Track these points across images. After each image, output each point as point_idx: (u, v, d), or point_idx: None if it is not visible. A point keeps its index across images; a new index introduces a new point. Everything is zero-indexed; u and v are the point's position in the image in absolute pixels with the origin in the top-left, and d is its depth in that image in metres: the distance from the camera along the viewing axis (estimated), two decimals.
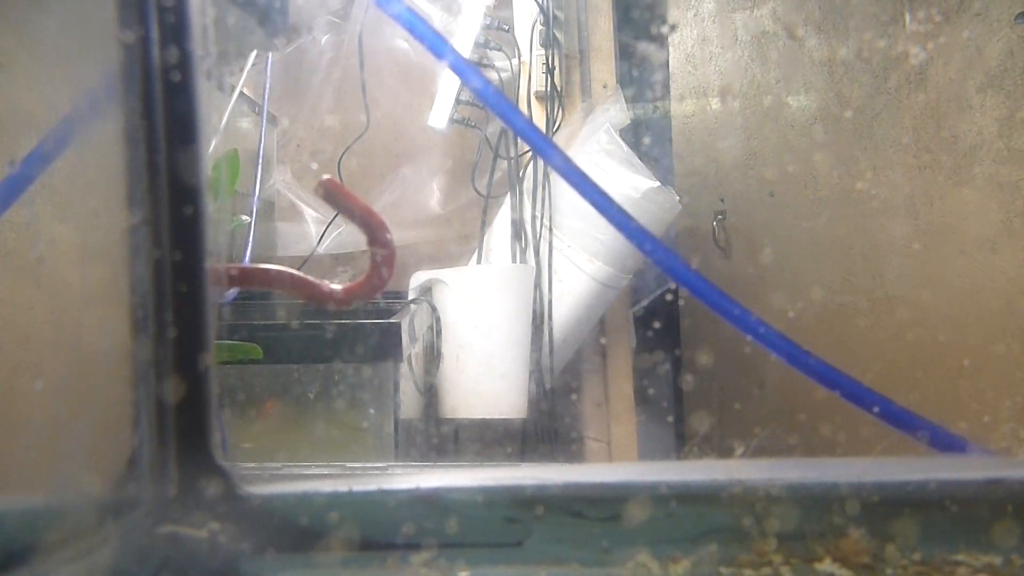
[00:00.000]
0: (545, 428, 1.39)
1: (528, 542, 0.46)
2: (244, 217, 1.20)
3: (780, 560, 0.45)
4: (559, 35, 1.49)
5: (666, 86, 1.57)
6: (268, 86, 1.36)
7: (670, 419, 1.57)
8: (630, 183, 1.33)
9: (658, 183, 1.34)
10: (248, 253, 1.18)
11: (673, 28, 1.53)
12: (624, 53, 1.57)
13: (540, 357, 1.37)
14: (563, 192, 1.38)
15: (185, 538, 0.46)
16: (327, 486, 0.47)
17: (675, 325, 1.56)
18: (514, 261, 1.42)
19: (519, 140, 1.45)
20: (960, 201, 0.90)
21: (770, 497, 0.45)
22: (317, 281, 0.61)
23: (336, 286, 0.61)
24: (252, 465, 0.67)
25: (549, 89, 1.47)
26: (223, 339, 0.85)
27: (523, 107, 1.48)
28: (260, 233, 1.32)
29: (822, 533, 0.45)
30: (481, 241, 1.50)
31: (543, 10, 1.46)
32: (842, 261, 1.10)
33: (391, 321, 1.03)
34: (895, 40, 0.97)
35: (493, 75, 1.47)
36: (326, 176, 0.60)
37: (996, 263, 0.86)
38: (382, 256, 0.59)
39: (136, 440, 0.47)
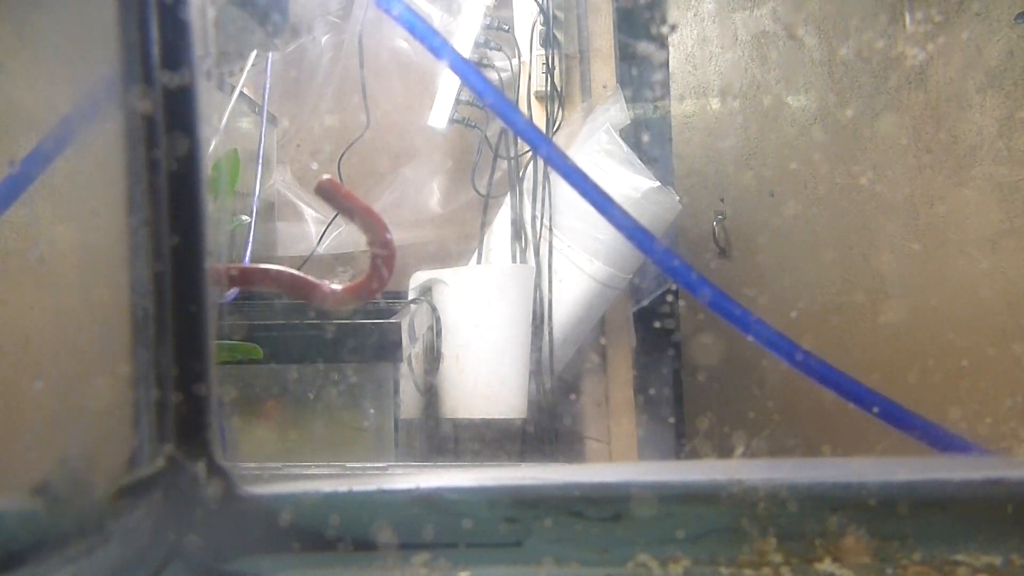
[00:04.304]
0: (545, 428, 1.39)
1: (528, 542, 0.46)
2: (244, 217, 1.20)
3: (780, 560, 0.45)
4: (559, 35, 1.49)
5: (666, 86, 1.57)
6: (268, 86, 1.36)
7: (670, 419, 1.57)
8: (630, 183, 1.33)
9: (658, 183, 1.34)
10: (248, 253, 1.18)
11: (673, 28, 1.53)
12: (624, 53, 1.56)
13: (540, 357, 1.37)
14: (563, 192, 1.38)
15: (185, 538, 0.46)
16: (327, 486, 0.47)
17: (675, 325, 1.56)
18: (514, 261, 1.42)
19: (519, 140, 1.45)
20: (960, 201, 0.90)
21: (770, 497, 0.45)
22: (317, 281, 0.61)
23: (336, 286, 0.61)
24: (252, 465, 0.67)
25: (549, 89, 1.47)
26: (223, 339, 0.85)
27: (523, 107, 1.48)
28: (260, 233, 1.32)
29: (822, 533, 0.45)
30: (481, 241, 1.50)
31: (543, 10, 1.46)
32: (842, 261, 1.10)
33: (391, 321, 1.03)
34: (895, 40, 0.97)
35: (493, 75, 1.47)
36: (326, 176, 0.60)
37: (996, 263, 0.86)
38: (382, 256, 0.59)
39: (136, 440, 0.47)
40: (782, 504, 0.45)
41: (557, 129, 1.47)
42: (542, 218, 1.41)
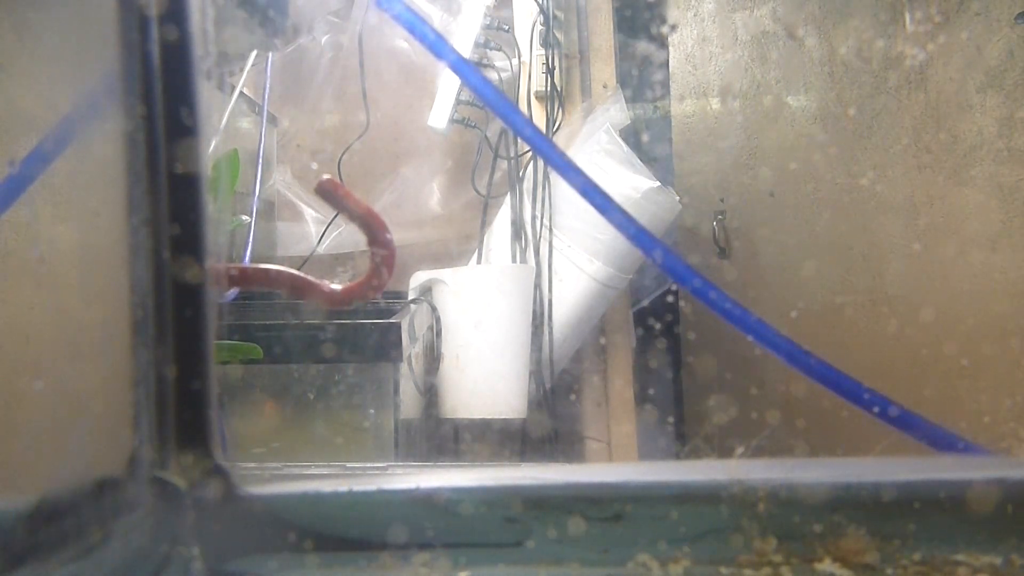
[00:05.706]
0: (545, 428, 1.39)
1: (528, 542, 0.46)
2: (244, 217, 1.20)
3: (780, 560, 0.45)
4: (559, 35, 1.49)
5: (666, 86, 1.57)
6: (268, 86, 1.36)
7: (670, 419, 1.57)
8: (630, 183, 1.33)
9: (658, 183, 1.34)
10: (248, 253, 1.18)
11: (673, 28, 1.53)
12: (624, 53, 1.57)
13: (540, 357, 1.37)
14: (563, 192, 1.38)
15: (185, 538, 0.46)
16: (327, 486, 0.47)
17: (675, 325, 1.56)
18: (514, 261, 1.42)
19: (519, 140, 1.45)
20: (960, 201, 0.90)
21: (770, 497, 0.45)
22: (317, 281, 0.61)
23: (336, 286, 0.61)
24: (252, 465, 0.67)
25: (549, 89, 1.47)
26: (223, 339, 0.85)
27: (523, 107, 1.48)
28: (260, 233, 1.32)
29: (822, 533, 0.45)
30: (481, 241, 1.50)
31: (543, 10, 1.46)
32: (842, 261, 1.10)
33: (391, 321, 1.02)
34: (895, 40, 0.97)
35: (493, 75, 1.47)
36: (326, 176, 0.60)
37: (996, 263, 0.85)
38: (382, 256, 0.59)
39: (136, 440, 0.47)
40: (782, 504, 0.45)
41: (557, 129, 1.47)
42: (542, 218, 1.41)
